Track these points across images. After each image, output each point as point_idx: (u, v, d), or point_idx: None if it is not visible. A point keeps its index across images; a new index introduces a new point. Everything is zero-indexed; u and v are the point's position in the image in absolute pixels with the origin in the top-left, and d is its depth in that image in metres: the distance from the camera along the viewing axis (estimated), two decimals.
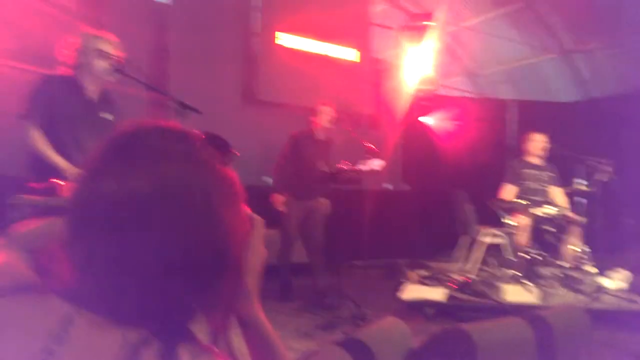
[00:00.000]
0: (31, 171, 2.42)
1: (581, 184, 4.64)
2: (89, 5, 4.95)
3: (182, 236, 0.57)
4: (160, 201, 0.56)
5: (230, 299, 0.68)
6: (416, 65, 7.20)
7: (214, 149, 0.64)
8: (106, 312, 0.56)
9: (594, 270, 4.39)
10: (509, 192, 5.04)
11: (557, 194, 5.04)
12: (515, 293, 4.01)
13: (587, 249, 4.47)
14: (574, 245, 4.60)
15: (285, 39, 6.30)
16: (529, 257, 4.39)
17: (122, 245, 0.55)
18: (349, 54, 6.89)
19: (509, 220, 4.65)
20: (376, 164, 4.07)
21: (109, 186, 0.56)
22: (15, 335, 0.56)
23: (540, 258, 4.39)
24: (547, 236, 4.47)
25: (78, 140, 2.41)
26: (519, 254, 4.49)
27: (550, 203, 4.85)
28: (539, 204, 4.76)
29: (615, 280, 4.49)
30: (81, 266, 0.57)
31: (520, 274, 4.29)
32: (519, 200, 4.69)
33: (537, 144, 5.05)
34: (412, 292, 4.21)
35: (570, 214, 4.71)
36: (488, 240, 5.06)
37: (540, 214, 4.54)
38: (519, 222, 4.73)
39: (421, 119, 7.66)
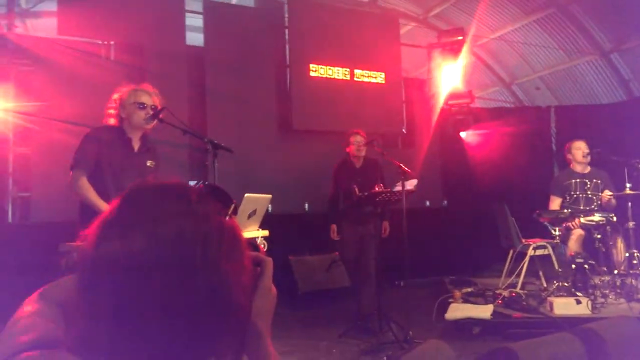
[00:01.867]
0: (80, 218, 2.64)
1: (628, 187, 4.48)
2: (130, 54, 5.32)
3: (182, 288, 0.59)
4: (157, 259, 0.59)
5: (239, 341, 0.68)
6: (450, 80, 7.22)
7: (213, 201, 0.67)
8: None
9: None
10: (554, 203, 4.94)
11: (605, 200, 4.88)
12: (565, 306, 3.89)
13: (638, 254, 4.29)
14: (625, 252, 4.43)
15: (312, 70, 6.50)
16: (578, 267, 4.25)
17: (125, 303, 0.59)
18: (377, 77, 7.01)
19: (555, 231, 4.54)
20: (410, 183, 4.09)
21: (110, 249, 0.60)
22: None
23: (590, 267, 4.24)
24: (597, 244, 4.32)
25: (123, 188, 2.61)
26: (568, 264, 4.36)
27: (597, 211, 4.71)
28: (585, 212, 4.63)
29: None
30: (87, 323, 0.60)
31: (569, 285, 4.16)
32: (565, 210, 4.58)
33: (579, 151, 4.93)
34: (457, 310, 4.16)
35: (616, 220, 4.55)
36: (534, 252, 4.94)
37: (587, 222, 4.41)
38: (565, 232, 4.61)
39: (457, 133, 7.61)
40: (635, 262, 4.29)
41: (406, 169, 3.96)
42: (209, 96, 5.74)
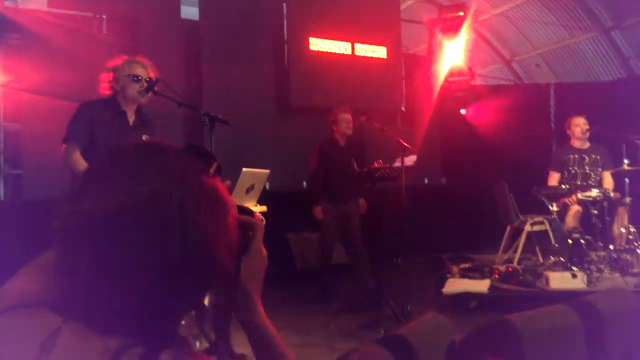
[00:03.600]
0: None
1: (625, 163, 4.47)
2: (123, 26, 5.22)
3: (159, 246, 0.59)
4: (133, 214, 0.59)
5: (226, 303, 0.69)
6: (450, 57, 7.14)
7: (193, 160, 0.66)
8: (88, 321, 0.59)
9: None
10: (552, 178, 4.95)
11: (604, 175, 4.89)
12: (561, 280, 3.92)
13: (634, 229, 4.31)
14: (622, 227, 4.45)
15: (313, 44, 6.39)
16: (574, 242, 4.27)
17: (102, 258, 0.59)
18: (379, 51, 6.90)
19: (552, 207, 4.55)
20: (410, 159, 4.07)
21: (87, 205, 0.60)
22: (9, 349, 0.60)
23: (587, 242, 4.26)
24: (594, 220, 4.34)
25: None
26: (564, 239, 4.38)
27: (595, 186, 4.71)
28: (583, 188, 4.63)
29: None
30: (66, 279, 0.60)
31: (565, 260, 4.19)
32: (562, 186, 4.58)
33: (579, 127, 4.92)
34: (455, 285, 4.19)
35: (615, 195, 4.56)
36: (531, 228, 4.96)
37: (585, 198, 4.41)
38: (562, 208, 4.62)
39: (457, 110, 7.56)
40: (631, 237, 4.31)
41: (405, 144, 3.93)
42: (205, 72, 5.66)
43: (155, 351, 0.57)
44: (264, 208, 3.15)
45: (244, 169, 2.88)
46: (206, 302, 0.68)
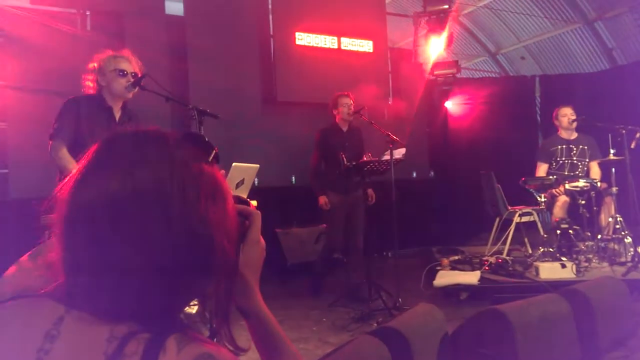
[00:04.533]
0: None
1: (612, 153, 4.52)
2: (107, 23, 5.14)
3: (161, 233, 0.59)
4: (134, 202, 0.58)
5: (227, 291, 0.69)
6: (435, 50, 7.15)
7: (193, 147, 0.66)
8: (92, 309, 0.59)
9: (630, 239, 4.29)
10: (540, 169, 4.99)
11: (591, 165, 4.95)
12: (551, 270, 3.95)
13: (621, 219, 4.36)
14: (609, 217, 4.50)
15: (299, 38, 6.36)
16: (563, 232, 4.32)
17: (104, 245, 0.58)
18: (365, 45, 6.89)
19: (540, 198, 4.59)
20: (399, 152, 4.07)
21: (88, 193, 0.59)
22: (14, 337, 0.59)
23: (575, 233, 4.31)
24: (581, 210, 4.38)
25: None
26: (553, 230, 4.42)
27: (582, 176, 4.76)
28: (570, 178, 4.67)
29: None
30: (69, 268, 0.60)
31: (554, 251, 4.23)
32: (550, 177, 4.62)
33: (565, 117, 4.96)
34: (445, 277, 4.20)
35: (602, 185, 4.61)
36: (520, 219, 5.00)
37: (572, 188, 4.46)
38: (550, 198, 4.66)
39: (444, 104, 7.59)
40: (618, 226, 4.37)
41: (394, 137, 3.92)
42: (191, 68, 5.59)
43: (161, 336, 0.57)
44: (254, 203, 3.11)
45: (234, 164, 2.85)
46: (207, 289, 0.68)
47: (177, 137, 0.66)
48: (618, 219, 4.38)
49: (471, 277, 4.08)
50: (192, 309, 2.54)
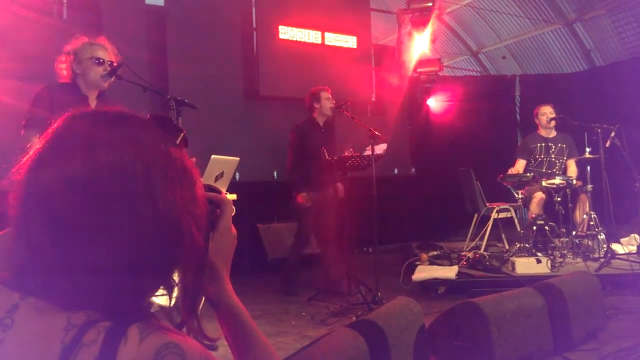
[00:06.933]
0: None
1: (587, 152, 4.61)
2: (85, 12, 5.03)
3: (122, 216, 0.56)
4: (94, 183, 0.56)
5: (195, 280, 0.67)
6: (418, 47, 7.18)
7: (159, 130, 0.63)
8: (49, 296, 0.56)
9: (603, 236, 4.39)
10: (518, 165, 5.07)
11: (568, 164, 5.04)
12: (526, 265, 4.02)
13: (595, 216, 4.46)
14: (584, 213, 4.59)
15: (283, 32, 6.33)
16: (539, 228, 4.39)
17: (61, 230, 0.56)
18: (349, 41, 6.89)
19: (517, 195, 4.66)
20: (380, 147, 4.08)
21: (45, 177, 0.57)
22: None
23: (550, 229, 4.39)
24: (557, 207, 4.47)
25: None
26: (529, 226, 4.49)
27: (559, 174, 4.85)
28: (547, 175, 4.75)
29: (625, 245, 4.48)
30: (24, 253, 0.58)
31: (530, 246, 4.30)
32: (527, 174, 4.69)
33: (545, 116, 5.05)
34: (424, 272, 4.24)
35: (577, 183, 4.70)
36: (497, 215, 5.07)
37: (548, 185, 4.54)
38: (527, 195, 4.74)
39: (426, 101, 7.65)
40: (592, 223, 4.46)
41: (376, 132, 3.93)
42: (171, 60, 5.51)
43: (122, 325, 0.55)
44: (233, 196, 3.10)
45: (213, 156, 2.83)
46: (175, 278, 0.65)
47: (142, 118, 0.64)
48: (592, 216, 4.47)
49: (449, 272, 4.12)
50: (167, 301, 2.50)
